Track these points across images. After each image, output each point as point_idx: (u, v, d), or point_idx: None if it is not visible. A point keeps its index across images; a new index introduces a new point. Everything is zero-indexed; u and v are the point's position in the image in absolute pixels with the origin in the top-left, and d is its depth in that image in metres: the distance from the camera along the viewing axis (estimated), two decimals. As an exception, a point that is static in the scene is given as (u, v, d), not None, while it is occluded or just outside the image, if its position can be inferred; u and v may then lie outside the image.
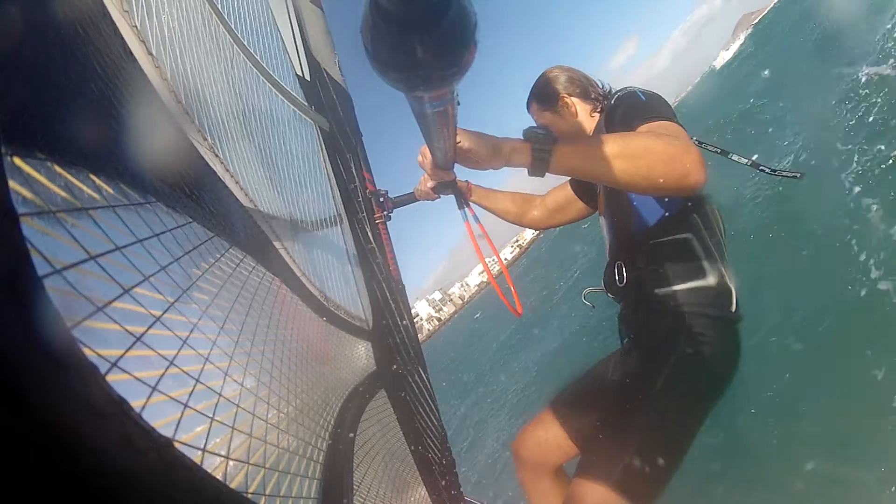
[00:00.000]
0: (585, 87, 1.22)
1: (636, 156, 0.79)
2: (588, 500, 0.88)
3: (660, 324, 1.02)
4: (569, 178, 1.36)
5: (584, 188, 1.38)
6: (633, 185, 0.83)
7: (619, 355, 1.22)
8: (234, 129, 0.78)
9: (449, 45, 0.31)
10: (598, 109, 1.21)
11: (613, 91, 1.17)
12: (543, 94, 1.23)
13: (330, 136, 1.35)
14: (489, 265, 1.39)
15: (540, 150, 0.79)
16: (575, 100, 1.21)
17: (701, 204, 1.06)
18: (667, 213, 1.05)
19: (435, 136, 0.64)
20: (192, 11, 0.72)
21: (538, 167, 0.81)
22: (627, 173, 0.79)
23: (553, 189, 1.46)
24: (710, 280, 1.00)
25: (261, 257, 0.68)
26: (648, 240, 1.06)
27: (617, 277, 1.11)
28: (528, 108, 1.29)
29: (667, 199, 1.04)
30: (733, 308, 1.01)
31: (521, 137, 0.83)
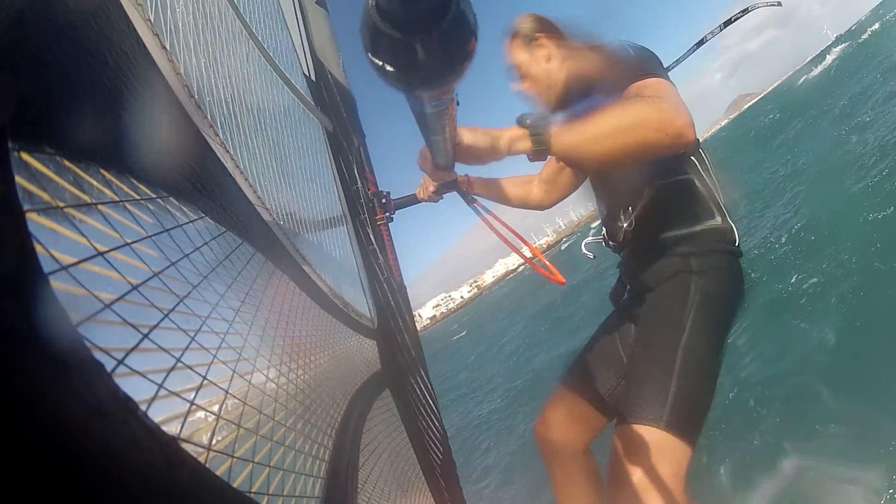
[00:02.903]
0: (561, 34, 1.18)
1: (631, 128, 0.80)
2: (644, 441, 0.86)
3: (670, 266, 1.03)
4: None
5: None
6: (630, 156, 0.84)
7: (624, 310, 1.21)
8: (246, 126, 0.78)
9: (449, 45, 0.30)
10: (569, 58, 1.16)
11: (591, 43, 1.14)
12: (522, 31, 1.18)
13: (334, 137, 1.35)
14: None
15: (538, 136, 0.80)
16: (551, 43, 1.16)
17: (696, 146, 1.06)
18: (656, 161, 1.03)
19: (435, 136, 0.63)
20: (208, 6, 0.72)
21: (539, 152, 0.82)
22: (624, 146, 0.80)
23: (545, 164, 1.44)
24: (717, 219, 1.03)
25: (269, 254, 0.67)
26: (651, 183, 1.06)
27: (623, 225, 1.09)
28: (504, 47, 1.22)
29: None
30: (735, 244, 1.04)
31: (516, 124, 0.83)
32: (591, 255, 1.31)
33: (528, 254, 1.33)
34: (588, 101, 1.04)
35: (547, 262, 1.24)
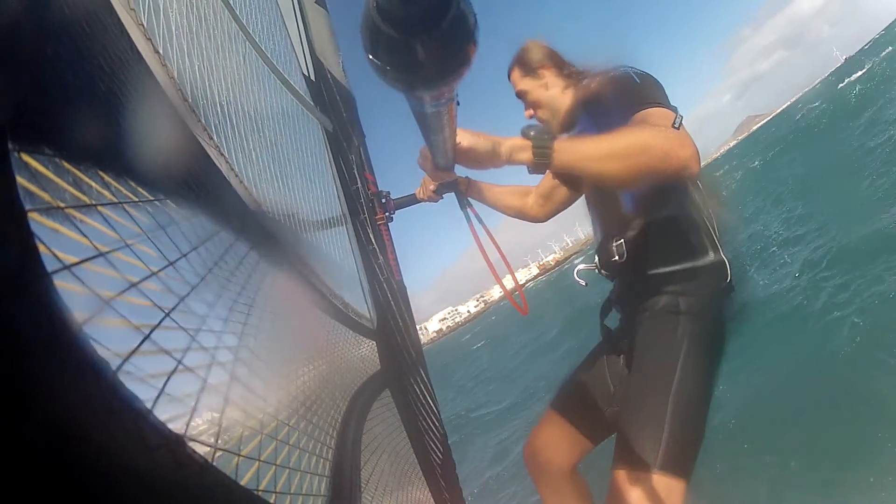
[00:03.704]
0: (560, 62, 1.23)
1: (636, 153, 0.80)
2: (639, 484, 0.89)
3: (662, 303, 1.03)
4: None
5: (565, 174, 1.36)
6: (631, 181, 0.84)
7: (614, 339, 1.22)
8: (241, 128, 0.78)
9: (449, 45, 0.31)
10: (571, 85, 1.21)
11: (597, 69, 1.17)
12: (524, 61, 1.24)
13: (333, 137, 1.35)
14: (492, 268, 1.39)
15: (540, 148, 0.80)
16: (552, 72, 1.22)
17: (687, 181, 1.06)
18: (653, 192, 1.05)
19: (435, 136, 0.64)
20: (202, 8, 0.72)
21: (539, 165, 0.82)
22: (625, 170, 0.81)
23: (543, 178, 1.46)
24: (710, 255, 1.03)
25: (267, 255, 0.67)
26: (640, 218, 1.07)
27: (616, 255, 1.10)
28: (508, 76, 1.29)
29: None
30: (727, 279, 1.04)
31: (520, 136, 0.83)
32: (583, 283, 1.32)
33: (505, 271, 1.34)
34: (594, 125, 1.05)
35: (520, 290, 1.26)
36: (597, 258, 1.19)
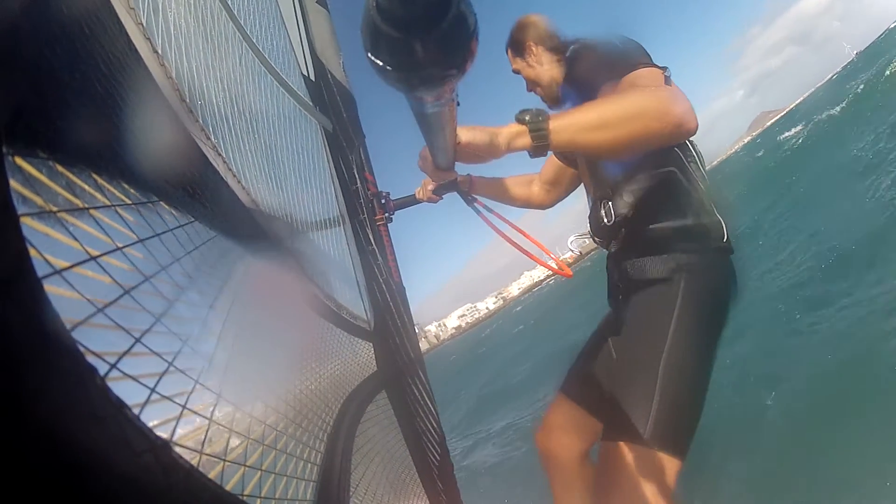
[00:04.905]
0: (550, 38, 1.23)
1: (631, 118, 0.79)
2: (628, 457, 0.83)
3: (655, 264, 0.99)
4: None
5: (566, 153, 1.35)
6: (632, 146, 0.82)
7: (616, 311, 1.19)
8: (238, 129, 0.78)
9: (449, 45, 0.31)
10: (560, 59, 1.21)
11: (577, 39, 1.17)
12: (514, 41, 1.26)
13: (333, 137, 1.35)
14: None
15: (537, 131, 0.79)
16: (540, 48, 1.23)
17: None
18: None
19: (435, 136, 0.64)
20: (201, 9, 0.72)
21: (539, 148, 0.81)
22: (625, 137, 0.79)
23: (544, 164, 1.45)
24: (696, 218, 0.99)
25: (262, 257, 0.67)
26: (627, 180, 1.03)
27: (605, 217, 1.06)
28: (506, 53, 1.31)
29: None
30: (724, 239, 1.00)
31: (515, 122, 0.82)
32: (574, 251, 1.32)
33: (532, 251, 1.34)
34: (584, 95, 1.04)
35: (553, 257, 1.26)
36: (589, 225, 1.16)
